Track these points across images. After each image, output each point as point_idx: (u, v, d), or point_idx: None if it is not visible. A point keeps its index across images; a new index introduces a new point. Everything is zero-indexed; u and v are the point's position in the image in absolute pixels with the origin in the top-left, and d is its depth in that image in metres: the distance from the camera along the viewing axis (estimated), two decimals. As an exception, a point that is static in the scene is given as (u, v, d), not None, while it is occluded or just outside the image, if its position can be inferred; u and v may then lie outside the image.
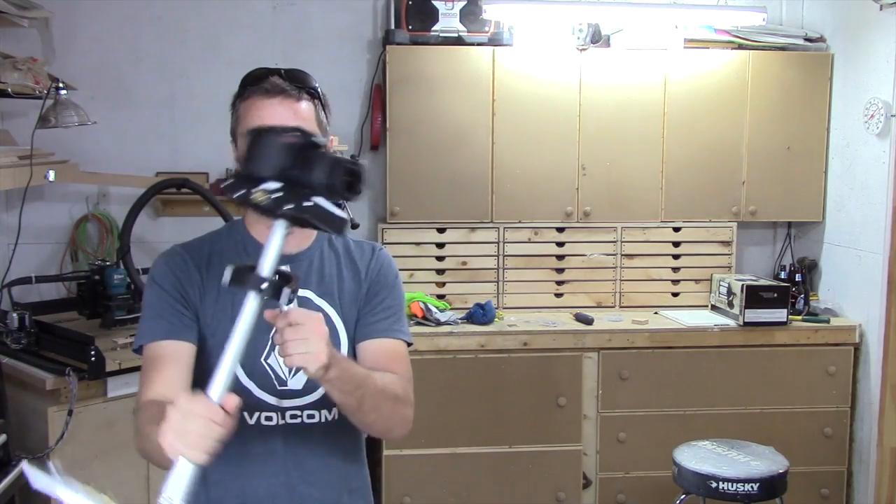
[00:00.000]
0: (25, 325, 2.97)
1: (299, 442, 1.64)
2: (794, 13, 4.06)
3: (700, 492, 2.97)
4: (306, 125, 1.53)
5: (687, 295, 3.94)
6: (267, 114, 1.55)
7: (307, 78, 1.62)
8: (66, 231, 3.72)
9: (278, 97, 1.56)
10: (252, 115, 1.56)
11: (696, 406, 3.63)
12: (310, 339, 1.35)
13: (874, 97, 3.55)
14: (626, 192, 3.84)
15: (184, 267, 1.63)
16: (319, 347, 1.36)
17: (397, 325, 1.69)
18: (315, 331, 1.36)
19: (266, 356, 1.62)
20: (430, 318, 3.53)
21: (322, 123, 1.62)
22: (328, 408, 1.64)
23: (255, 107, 1.56)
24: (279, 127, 1.41)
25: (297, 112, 1.57)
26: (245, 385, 1.60)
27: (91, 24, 3.73)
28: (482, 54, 3.69)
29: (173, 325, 1.57)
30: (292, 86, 1.58)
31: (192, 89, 3.83)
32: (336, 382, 1.42)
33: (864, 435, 3.67)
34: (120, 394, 2.94)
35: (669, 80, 3.80)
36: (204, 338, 1.61)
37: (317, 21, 3.89)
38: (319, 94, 1.63)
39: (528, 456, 3.56)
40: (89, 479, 1.21)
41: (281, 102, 1.56)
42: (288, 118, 1.55)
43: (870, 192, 3.65)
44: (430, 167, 3.68)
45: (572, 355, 3.56)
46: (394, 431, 1.61)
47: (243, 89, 1.61)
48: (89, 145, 3.65)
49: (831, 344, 3.67)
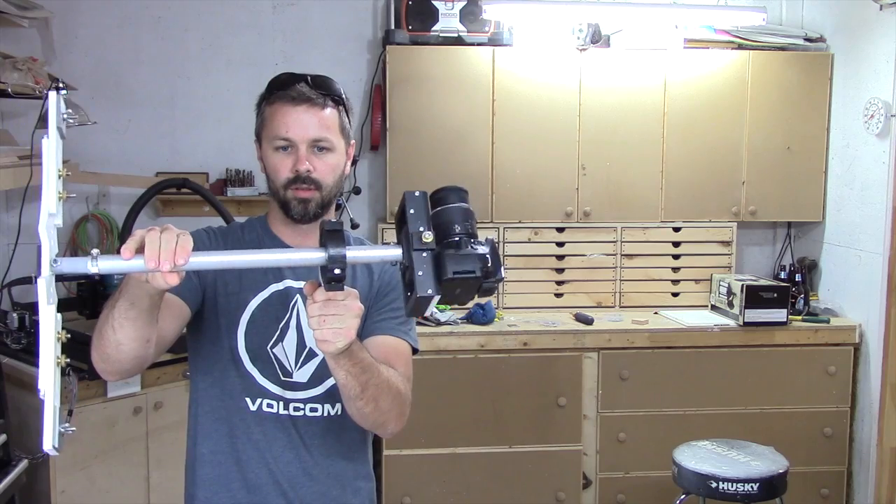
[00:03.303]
0: (25, 325, 2.98)
1: (301, 434, 1.65)
2: (794, 13, 4.06)
3: (700, 492, 2.97)
4: (330, 132, 1.61)
5: (687, 295, 3.94)
6: (292, 120, 1.60)
7: (332, 85, 1.67)
8: (67, 231, 3.71)
9: (304, 105, 1.61)
10: (278, 121, 1.62)
11: (696, 406, 3.63)
12: (346, 315, 1.36)
13: (874, 97, 3.55)
14: (626, 192, 3.84)
15: (206, 244, 1.68)
16: (352, 324, 1.37)
17: (404, 326, 1.70)
18: (352, 307, 1.37)
19: (273, 345, 1.64)
20: (430, 318, 3.53)
21: (345, 129, 1.68)
22: (332, 402, 1.65)
23: (281, 113, 1.61)
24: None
25: (321, 119, 1.62)
26: (248, 370, 1.63)
27: (91, 24, 3.73)
28: (482, 54, 3.69)
29: None
30: (318, 93, 1.63)
31: (192, 89, 3.84)
32: (346, 362, 1.43)
33: (864, 435, 3.67)
34: (120, 394, 2.94)
35: (669, 80, 3.80)
36: (208, 320, 1.65)
37: (317, 21, 3.89)
38: (344, 101, 1.68)
39: (528, 456, 3.56)
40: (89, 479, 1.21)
41: (306, 110, 1.61)
42: (312, 125, 1.60)
43: (870, 192, 3.65)
44: (430, 167, 3.68)
45: (572, 355, 3.55)
46: (388, 426, 1.61)
47: (270, 93, 1.65)
48: (89, 145, 3.65)
49: (831, 344, 3.67)
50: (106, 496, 2.93)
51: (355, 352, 1.43)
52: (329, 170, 1.63)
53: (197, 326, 1.67)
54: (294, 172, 1.60)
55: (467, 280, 1.24)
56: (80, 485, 2.86)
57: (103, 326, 1.41)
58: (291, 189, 1.62)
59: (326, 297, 1.34)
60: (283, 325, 1.65)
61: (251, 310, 1.64)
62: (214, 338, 1.65)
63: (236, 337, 1.64)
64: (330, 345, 1.37)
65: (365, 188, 3.94)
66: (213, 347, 1.65)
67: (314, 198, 1.62)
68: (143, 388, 3.01)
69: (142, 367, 1.49)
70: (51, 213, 1.14)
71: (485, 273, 1.25)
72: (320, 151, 1.62)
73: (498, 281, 1.28)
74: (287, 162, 1.61)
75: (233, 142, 3.80)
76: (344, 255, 1.25)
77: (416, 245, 1.24)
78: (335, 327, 1.35)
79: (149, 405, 3.03)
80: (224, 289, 1.65)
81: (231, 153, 3.81)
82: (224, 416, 1.65)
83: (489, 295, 1.29)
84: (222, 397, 1.65)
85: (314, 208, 1.63)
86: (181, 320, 1.60)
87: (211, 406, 1.67)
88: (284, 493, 1.65)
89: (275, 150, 1.62)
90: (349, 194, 3.78)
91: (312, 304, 1.36)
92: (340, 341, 1.37)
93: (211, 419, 1.67)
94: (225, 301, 1.65)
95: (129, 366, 1.45)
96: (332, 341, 1.36)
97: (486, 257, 1.25)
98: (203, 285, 1.64)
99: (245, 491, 1.65)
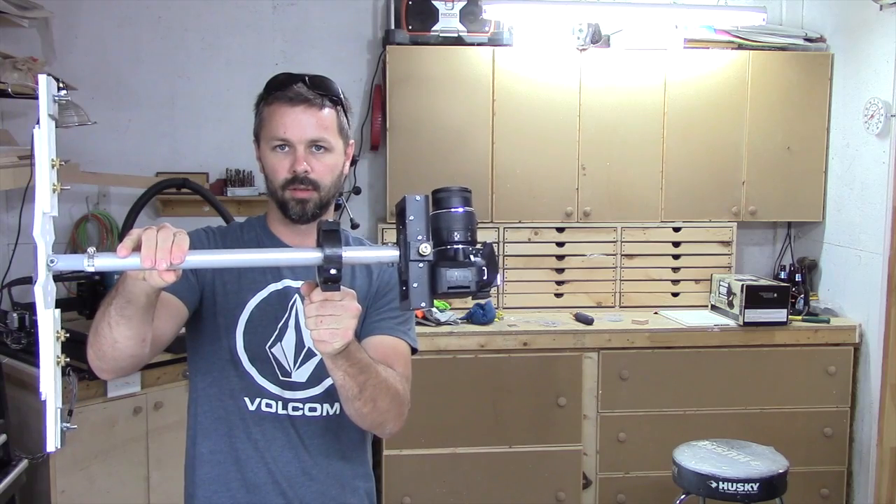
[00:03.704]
0: (25, 325, 2.98)
1: (300, 434, 1.65)
2: (794, 13, 4.06)
3: (700, 492, 2.97)
4: (328, 132, 1.61)
5: (687, 295, 3.94)
6: (290, 121, 1.60)
7: (330, 85, 1.66)
8: (67, 231, 3.72)
9: (301, 105, 1.61)
10: (275, 121, 1.62)
11: (696, 406, 3.63)
12: (343, 315, 1.36)
13: (874, 97, 3.55)
14: (626, 192, 3.84)
15: (205, 243, 1.68)
16: (349, 324, 1.37)
17: (403, 326, 1.70)
18: (349, 307, 1.37)
19: (272, 345, 1.64)
20: (430, 318, 3.53)
21: (344, 129, 1.68)
22: (331, 402, 1.65)
23: (278, 113, 1.61)
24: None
25: (319, 119, 1.62)
26: (247, 370, 1.64)
27: (91, 24, 3.74)
28: (482, 54, 3.69)
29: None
30: (315, 93, 1.62)
31: (192, 89, 3.84)
32: (344, 363, 1.43)
33: (864, 435, 3.67)
34: (120, 394, 2.94)
35: (669, 80, 3.80)
36: (207, 320, 1.65)
37: (317, 21, 3.89)
38: (342, 101, 1.68)
39: (528, 456, 3.56)
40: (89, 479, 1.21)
41: (304, 111, 1.61)
42: (310, 126, 1.60)
43: (870, 192, 3.64)
44: (430, 167, 3.68)
45: (572, 355, 3.55)
46: (386, 427, 1.61)
47: (267, 94, 1.65)
48: (89, 145, 3.65)
49: (831, 344, 3.67)
50: (106, 496, 2.93)
51: (353, 352, 1.43)
52: (327, 170, 1.63)
53: (196, 326, 1.68)
54: (292, 173, 1.60)
55: (461, 292, 1.25)
56: (80, 485, 2.86)
57: (99, 324, 1.41)
58: (289, 189, 1.62)
59: (323, 297, 1.34)
60: (282, 324, 1.65)
61: (250, 310, 1.65)
62: (213, 338, 1.65)
63: (235, 337, 1.64)
64: (327, 345, 1.37)
65: (365, 188, 3.94)
66: (212, 347, 1.66)
67: (312, 198, 1.62)
68: (143, 388, 3.01)
69: (138, 366, 1.49)
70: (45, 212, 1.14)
71: (479, 285, 1.25)
72: (318, 151, 1.62)
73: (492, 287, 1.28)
74: (285, 162, 1.61)
75: (233, 142, 3.79)
76: (340, 255, 1.25)
77: (412, 256, 1.24)
78: (332, 328, 1.35)
79: (149, 405, 3.03)
80: (222, 289, 1.65)
81: (231, 153, 3.81)
82: (223, 416, 1.66)
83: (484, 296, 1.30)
84: (221, 397, 1.66)
85: (312, 208, 1.63)
86: (178, 319, 1.60)
87: (210, 406, 1.67)
88: (283, 492, 1.65)
89: (272, 151, 1.63)
90: (349, 194, 3.78)
91: (309, 305, 1.36)
92: (337, 342, 1.37)
93: (210, 419, 1.67)
94: (223, 301, 1.65)
95: (125, 364, 1.46)
96: (329, 342, 1.36)
97: (483, 269, 1.25)
98: (201, 285, 1.64)
99: (244, 490, 1.65)
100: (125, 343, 1.40)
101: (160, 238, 1.19)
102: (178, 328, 1.61)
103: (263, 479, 1.64)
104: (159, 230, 1.20)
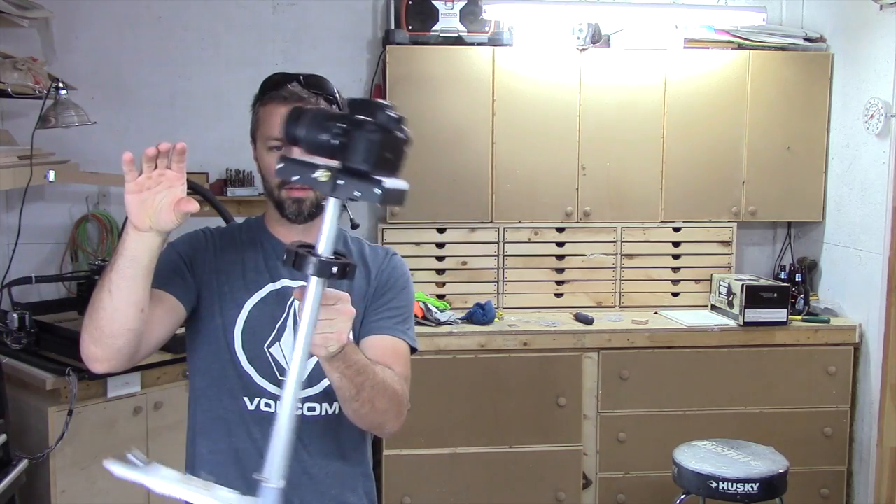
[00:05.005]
0: (25, 325, 2.97)
1: (299, 433, 1.64)
2: (794, 13, 4.06)
3: (700, 492, 2.97)
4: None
5: (687, 295, 3.94)
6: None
7: (325, 84, 1.67)
8: (66, 231, 3.72)
9: (296, 104, 1.59)
10: (270, 121, 1.62)
11: (696, 406, 3.63)
12: (337, 319, 1.36)
13: (874, 97, 3.55)
14: (626, 192, 3.84)
15: (203, 244, 1.69)
16: (344, 327, 1.37)
17: (402, 326, 1.69)
18: (343, 311, 1.37)
19: (270, 345, 1.64)
20: (430, 318, 3.53)
21: None
22: (330, 402, 1.65)
23: (274, 113, 1.61)
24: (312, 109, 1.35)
25: None
26: (246, 370, 1.64)
27: (91, 24, 3.74)
28: (482, 54, 3.69)
29: (171, 279, 1.61)
30: (310, 92, 1.63)
31: (192, 89, 3.84)
32: (340, 365, 1.43)
33: (864, 435, 3.67)
34: (120, 394, 2.94)
35: (669, 80, 3.80)
36: (206, 320, 1.65)
37: (317, 21, 3.89)
38: (337, 100, 1.68)
39: (528, 456, 3.56)
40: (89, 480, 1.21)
41: None
42: None
43: (870, 192, 3.65)
44: (430, 167, 3.68)
45: (572, 355, 3.56)
46: (385, 427, 1.61)
47: (263, 94, 1.66)
48: (89, 145, 3.65)
49: (831, 344, 3.67)
50: (106, 496, 2.92)
51: (349, 354, 1.43)
52: None
53: (195, 327, 1.68)
54: None
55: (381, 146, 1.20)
56: (80, 485, 2.86)
57: (97, 298, 1.41)
58: (285, 189, 1.63)
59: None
60: (280, 324, 1.65)
61: (248, 309, 1.65)
62: (212, 338, 1.65)
63: (233, 337, 1.64)
64: (322, 349, 1.37)
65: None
66: (211, 347, 1.66)
67: (308, 197, 1.63)
68: (143, 388, 3.01)
69: (134, 350, 1.46)
70: None
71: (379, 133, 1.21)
72: None
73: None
74: None
75: (233, 142, 3.79)
76: (333, 261, 1.23)
77: (327, 190, 1.20)
78: (326, 332, 1.35)
79: (149, 405, 3.03)
80: (221, 289, 1.65)
81: (231, 153, 3.80)
82: (223, 416, 1.66)
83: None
84: (220, 397, 1.66)
85: (308, 207, 1.64)
86: (174, 317, 1.59)
87: (209, 406, 1.67)
88: (283, 492, 1.65)
89: (268, 151, 1.63)
90: (349, 194, 3.77)
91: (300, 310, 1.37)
92: (332, 345, 1.37)
93: (209, 419, 1.67)
94: (222, 301, 1.65)
95: (121, 342, 1.42)
96: (323, 345, 1.36)
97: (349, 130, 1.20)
98: (198, 286, 1.65)
99: (244, 490, 1.65)
100: (125, 311, 1.39)
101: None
102: (173, 327, 1.61)
103: None
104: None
